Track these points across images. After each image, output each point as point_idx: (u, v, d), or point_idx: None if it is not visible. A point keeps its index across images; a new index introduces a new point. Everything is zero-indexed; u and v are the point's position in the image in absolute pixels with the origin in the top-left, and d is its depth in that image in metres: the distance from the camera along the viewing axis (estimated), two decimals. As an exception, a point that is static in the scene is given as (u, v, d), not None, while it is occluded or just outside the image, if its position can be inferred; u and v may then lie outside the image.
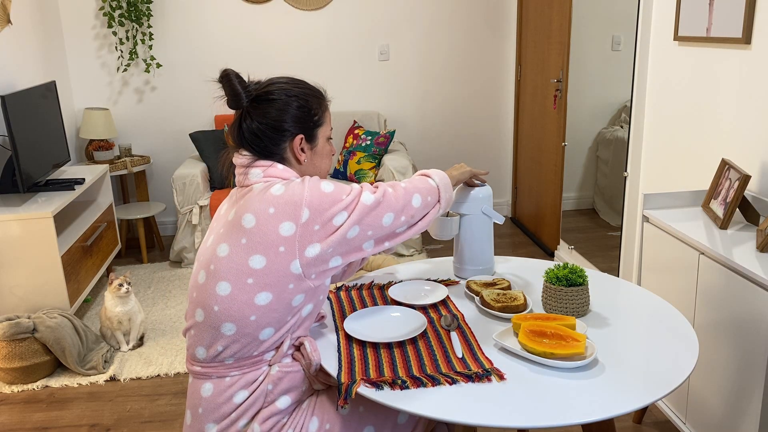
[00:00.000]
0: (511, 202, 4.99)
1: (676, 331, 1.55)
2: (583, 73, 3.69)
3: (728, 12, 2.29)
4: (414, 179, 1.61)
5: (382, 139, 4.23)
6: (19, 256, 2.96)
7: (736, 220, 2.18)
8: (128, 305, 3.00)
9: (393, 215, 1.51)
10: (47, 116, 3.47)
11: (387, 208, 1.50)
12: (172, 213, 4.73)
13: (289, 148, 1.52)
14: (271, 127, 1.50)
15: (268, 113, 1.50)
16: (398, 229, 1.53)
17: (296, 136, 1.51)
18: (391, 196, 1.52)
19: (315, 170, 1.58)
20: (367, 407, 1.48)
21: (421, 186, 1.58)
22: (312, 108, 1.53)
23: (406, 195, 1.54)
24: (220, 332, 1.44)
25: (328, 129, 1.59)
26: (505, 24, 4.66)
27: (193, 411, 1.49)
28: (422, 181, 1.60)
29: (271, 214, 1.42)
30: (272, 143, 1.51)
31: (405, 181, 1.59)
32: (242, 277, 1.42)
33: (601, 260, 3.50)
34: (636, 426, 2.39)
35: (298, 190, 1.44)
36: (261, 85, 1.53)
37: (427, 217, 1.59)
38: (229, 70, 1.50)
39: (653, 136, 2.87)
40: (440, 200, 1.62)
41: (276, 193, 1.44)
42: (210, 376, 1.47)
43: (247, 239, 1.42)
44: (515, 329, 1.52)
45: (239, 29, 4.46)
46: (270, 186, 1.46)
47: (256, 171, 1.50)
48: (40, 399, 2.70)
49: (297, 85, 1.55)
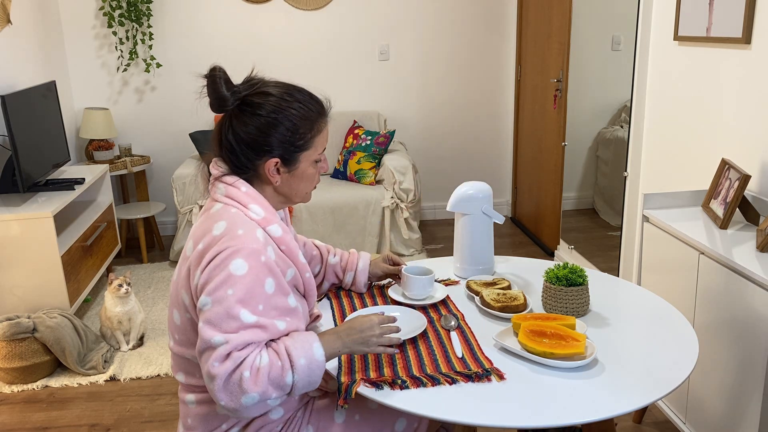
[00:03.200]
0: (511, 202, 4.99)
1: (676, 331, 1.55)
2: (583, 73, 3.69)
3: (728, 12, 2.29)
4: (273, 364, 1.26)
5: (382, 138, 4.23)
6: (19, 256, 2.96)
7: (736, 220, 2.18)
8: (128, 305, 3.00)
9: (214, 389, 1.23)
10: (47, 116, 3.47)
11: (213, 382, 1.23)
12: (172, 213, 4.73)
13: (263, 167, 1.38)
14: (247, 144, 1.36)
15: (248, 127, 1.35)
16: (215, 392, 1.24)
17: (271, 158, 1.37)
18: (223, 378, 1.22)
19: (290, 192, 1.43)
20: (364, 415, 1.46)
21: (267, 383, 1.24)
22: (299, 131, 1.37)
23: (239, 388, 1.23)
24: (189, 361, 1.40)
25: (316, 152, 1.42)
26: (505, 24, 4.66)
27: (184, 421, 1.46)
28: (276, 372, 1.25)
29: (199, 250, 1.31)
30: (246, 158, 1.37)
31: (266, 357, 1.26)
32: (182, 310, 1.36)
33: (601, 260, 3.50)
34: (636, 426, 2.39)
35: (226, 240, 1.28)
36: (252, 89, 1.38)
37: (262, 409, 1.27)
38: (217, 69, 1.36)
39: (653, 136, 2.87)
40: (291, 393, 1.28)
41: (215, 232, 1.31)
42: (192, 389, 1.44)
43: (185, 269, 1.35)
44: (515, 329, 1.52)
45: (239, 29, 4.46)
46: (221, 216, 1.34)
47: (221, 187, 1.39)
48: (40, 399, 2.70)
49: (292, 99, 1.37)
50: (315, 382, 1.30)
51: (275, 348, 1.29)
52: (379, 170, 4.19)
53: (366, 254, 1.79)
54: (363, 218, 4.01)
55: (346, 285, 1.78)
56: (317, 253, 1.76)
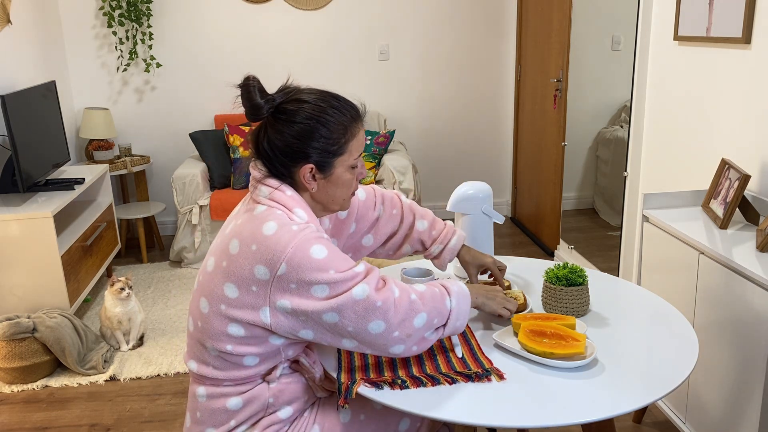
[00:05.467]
0: (511, 201, 4.99)
1: (676, 331, 1.55)
2: (583, 73, 3.69)
3: (728, 12, 2.29)
4: (431, 289, 1.39)
5: (381, 138, 4.23)
6: (19, 256, 2.96)
7: (736, 220, 2.18)
8: (128, 305, 3.00)
9: (384, 326, 1.30)
10: (47, 116, 3.47)
11: (380, 314, 1.30)
12: (172, 213, 4.73)
13: (299, 174, 1.39)
14: (282, 151, 1.38)
15: (283, 135, 1.37)
16: (386, 343, 1.32)
17: (305, 165, 1.38)
18: (391, 303, 1.31)
19: (327, 198, 1.44)
20: (369, 415, 1.47)
21: (432, 304, 1.36)
22: (334, 137, 1.38)
23: (410, 309, 1.33)
24: (206, 350, 1.41)
25: (351, 157, 1.42)
26: (505, 24, 4.66)
27: (192, 414, 1.47)
28: (437, 296, 1.38)
29: (252, 251, 1.32)
30: (281, 165, 1.39)
31: (420, 287, 1.39)
32: (216, 301, 1.36)
33: (601, 260, 3.50)
34: (636, 426, 2.39)
35: (285, 239, 1.30)
36: (288, 96, 1.40)
37: (424, 343, 1.36)
38: (251, 78, 1.36)
39: (653, 136, 2.87)
40: (446, 326, 1.39)
41: (266, 233, 1.32)
42: (203, 381, 1.44)
43: (227, 263, 1.35)
44: (515, 329, 1.52)
45: (239, 29, 4.46)
46: (267, 217, 1.35)
47: (264, 189, 1.40)
48: (40, 399, 2.70)
49: (327, 106, 1.38)
50: (466, 312, 1.40)
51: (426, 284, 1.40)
52: (379, 170, 4.19)
53: (462, 234, 1.75)
54: (363, 218, 4.01)
55: (429, 256, 1.75)
56: (397, 212, 1.74)
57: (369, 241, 1.74)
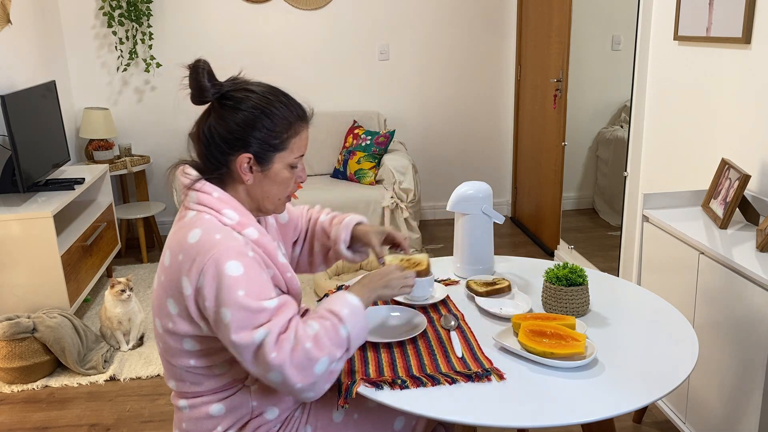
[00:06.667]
0: (511, 201, 4.99)
1: (676, 331, 1.55)
2: (583, 73, 3.69)
3: (728, 12, 2.29)
4: (324, 325, 1.29)
5: (381, 138, 4.23)
6: (19, 256, 2.96)
7: (736, 220, 2.18)
8: (128, 305, 3.00)
9: (282, 379, 1.24)
10: (47, 116, 3.47)
11: (276, 369, 1.23)
12: (172, 213, 4.73)
13: (235, 163, 1.36)
14: (223, 137, 1.35)
15: (226, 120, 1.34)
16: (292, 392, 1.27)
17: (244, 154, 1.35)
18: (286, 358, 1.23)
19: (262, 194, 1.40)
20: (362, 414, 1.46)
21: (329, 344, 1.27)
22: (276, 130, 1.36)
23: (307, 359, 1.24)
24: (176, 368, 1.39)
25: (292, 155, 1.39)
26: (505, 24, 4.66)
27: (179, 426, 1.46)
28: (331, 331, 1.29)
29: (179, 261, 1.30)
30: (219, 152, 1.36)
31: (315, 326, 1.29)
32: (165, 320, 1.35)
33: (601, 260, 3.50)
34: (636, 426, 2.39)
35: (205, 249, 1.27)
36: (235, 85, 1.38)
37: (333, 375, 1.29)
38: (201, 61, 1.34)
39: (653, 136, 2.87)
40: (349, 350, 1.31)
41: (190, 240, 1.29)
42: (185, 395, 1.44)
43: (164, 278, 1.34)
44: (515, 329, 1.52)
45: (239, 29, 4.46)
46: (194, 223, 1.32)
47: (192, 194, 1.37)
48: (40, 399, 2.70)
49: (275, 99, 1.37)
50: (363, 328, 1.34)
51: (316, 313, 1.33)
52: (379, 170, 4.19)
53: (359, 217, 1.68)
54: (363, 218, 4.01)
55: (333, 242, 1.65)
56: (306, 215, 1.70)
57: (297, 251, 1.70)
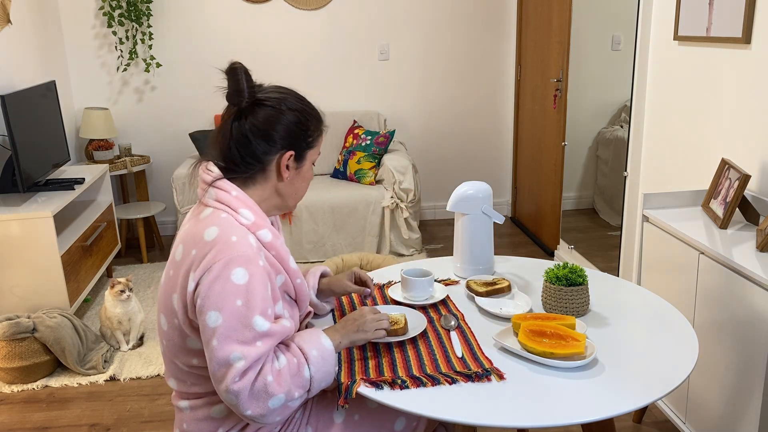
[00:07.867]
0: (511, 201, 4.99)
1: (676, 331, 1.55)
2: (583, 73, 3.69)
3: (728, 12, 2.29)
4: (290, 360, 1.30)
5: (381, 138, 4.23)
6: (19, 256, 2.96)
7: (736, 220, 2.18)
8: (128, 305, 3.00)
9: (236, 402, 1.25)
10: (47, 116, 3.47)
11: (234, 393, 1.24)
12: (172, 213, 4.73)
13: (276, 161, 1.40)
14: (263, 134, 1.37)
15: (263, 119, 1.37)
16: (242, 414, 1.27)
17: (287, 151, 1.39)
18: (245, 388, 1.24)
19: (292, 191, 1.45)
20: (363, 415, 1.46)
21: (289, 381, 1.28)
22: (309, 127, 1.42)
23: (265, 392, 1.26)
24: (179, 367, 1.39)
25: (316, 154, 1.47)
26: (505, 24, 4.66)
27: (180, 427, 1.46)
28: (295, 369, 1.30)
29: (192, 256, 1.30)
30: (260, 150, 1.38)
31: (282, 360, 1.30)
32: (171, 316, 1.35)
33: (601, 260, 3.50)
34: (636, 426, 2.39)
35: (220, 247, 1.28)
36: (264, 89, 1.43)
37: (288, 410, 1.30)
38: (239, 63, 1.38)
39: (653, 136, 2.87)
40: (310, 391, 1.32)
41: (206, 238, 1.30)
42: (186, 396, 1.44)
43: (173, 272, 1.34)
44: (515, 329, 1.52)
45: (239, 29, 4.46)
46: (211, 221, 1.33)
47: (211, 191, 1.38)
48: (40, 399, 2.70)
49: (299, 100, 1.44)
50: (329, 372, 1.34)
51: (287, 345, 1.34)
52: (379, 170, 4.19)
53: (323, 267, 1.72)
54: (363, 218, 4.01)
55: None
56: None
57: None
